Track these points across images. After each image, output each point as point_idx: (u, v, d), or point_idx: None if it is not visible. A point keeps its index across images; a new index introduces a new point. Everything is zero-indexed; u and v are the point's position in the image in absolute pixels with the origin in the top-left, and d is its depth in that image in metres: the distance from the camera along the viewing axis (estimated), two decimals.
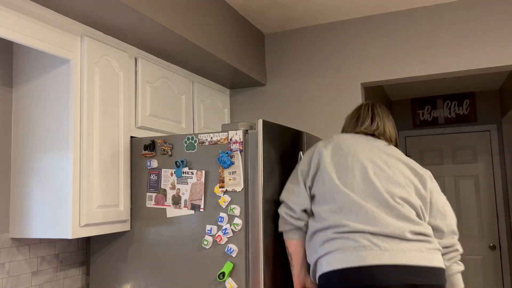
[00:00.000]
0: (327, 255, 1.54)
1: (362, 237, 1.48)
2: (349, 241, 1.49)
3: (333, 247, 1.52)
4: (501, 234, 4.48)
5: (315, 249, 1.61)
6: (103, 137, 1.90)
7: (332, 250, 1.52)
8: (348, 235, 1.51)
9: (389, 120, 1.86)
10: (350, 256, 1.47)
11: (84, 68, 1.83)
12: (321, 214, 1.62)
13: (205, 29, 2.29)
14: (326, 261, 1.53)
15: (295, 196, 1.72)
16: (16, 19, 1.58)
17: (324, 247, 1.55)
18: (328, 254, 1.54)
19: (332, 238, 1.54)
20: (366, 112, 1.85)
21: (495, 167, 4.56)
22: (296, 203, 1.71)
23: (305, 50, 2.95)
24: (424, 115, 4.87)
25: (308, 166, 1.74)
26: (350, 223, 1.52)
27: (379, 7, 2.70)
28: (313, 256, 1.63)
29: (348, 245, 1.49)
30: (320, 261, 1.57)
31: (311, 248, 1.64)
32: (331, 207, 1.59)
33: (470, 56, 2.58)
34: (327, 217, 1.59)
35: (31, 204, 1.81)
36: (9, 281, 1.82)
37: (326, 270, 1.52)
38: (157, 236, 1.96)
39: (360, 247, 1.47)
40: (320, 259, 1.58)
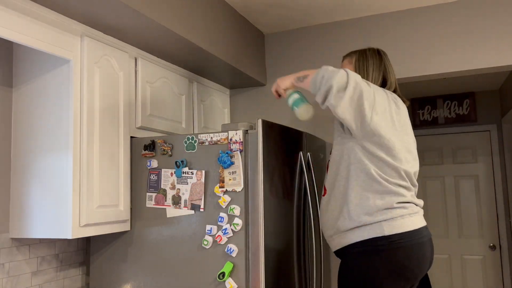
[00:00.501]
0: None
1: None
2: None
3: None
4: (501, 234, 4.48)
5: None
6: (103, 137, 1.90)
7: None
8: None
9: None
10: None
11: (84, 68, 1.83)
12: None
13: (205, 29, 2.29)
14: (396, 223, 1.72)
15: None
16: (16, 19, 1.58)
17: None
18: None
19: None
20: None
21: (495, 167, 4.56)
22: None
23: (305, 50, 2.95)
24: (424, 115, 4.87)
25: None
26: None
27: (379, 7, 2.70)
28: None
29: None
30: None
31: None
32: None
33: (470, 56, 2.58)
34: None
35: (31, 204, 1.81)
36: (9, 281, 1.82)
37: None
38: (157, 236, 1.96)
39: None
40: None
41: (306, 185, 2.19)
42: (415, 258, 1.69)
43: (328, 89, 1.65)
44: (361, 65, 1.91)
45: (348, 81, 1.64)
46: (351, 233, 1.72)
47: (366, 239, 1.69)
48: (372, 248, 1.68)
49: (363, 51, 1.94)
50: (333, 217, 1.79)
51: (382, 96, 1.74)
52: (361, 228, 1.70)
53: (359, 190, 1.72)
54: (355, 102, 1.66)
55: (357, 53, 1.95)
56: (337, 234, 1.77)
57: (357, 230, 1.71)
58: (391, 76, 1.90)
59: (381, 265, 1.66)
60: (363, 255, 1.69)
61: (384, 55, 1.93)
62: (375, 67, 1.90)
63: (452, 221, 4.68)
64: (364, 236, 1.69)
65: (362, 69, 1.91)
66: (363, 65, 1.91)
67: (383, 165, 1.72)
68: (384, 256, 1.66)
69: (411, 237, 1.70)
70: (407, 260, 1.67)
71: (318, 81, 1.69)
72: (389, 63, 1.93)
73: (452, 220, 4.68)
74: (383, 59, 1.92)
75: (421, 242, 1.71)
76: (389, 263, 1.66)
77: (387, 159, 1.71)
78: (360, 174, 1.72)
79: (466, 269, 4.59)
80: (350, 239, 1.72)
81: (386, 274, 1.66)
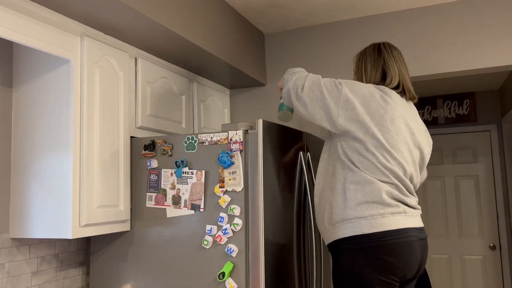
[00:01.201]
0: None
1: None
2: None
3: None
4: (501, 234, 4.48)
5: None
6: (103, 137, 1.90)
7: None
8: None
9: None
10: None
11: (84, 68, 1.83)
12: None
13: (205, 29, 2.29)
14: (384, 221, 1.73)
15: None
16: (16, 19, 1.58)
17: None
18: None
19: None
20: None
21: (495, 167, 4.56)
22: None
23: (305, 50, 2.95)
24: (424, 115, 4.87)
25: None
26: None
27: (379, 7, 2.70)
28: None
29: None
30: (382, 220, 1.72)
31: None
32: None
33: (470, 56, 2.58)
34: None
35: (31, 204, 1.81)
36: (9, 281, 1.82)
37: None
38: (157, 236, 1.96)
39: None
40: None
41: (306, 185, 2.19)
42: (402, 255, 1.68)
43: (287, 92, 1.81)
44: (360, 64, 1.92)
45: (304, 83, 1.76)
46: (336, 228, 1.74)
47: (348, 237, 1.71)
48: (355, 246, 1.70)
49: (364, 49, 1.94)
50: (321, 212, 1.82)
51: (358, 92, 1.73)
52: (344, 225, 1.72)
53: (344, 186, 1.73)
54: (316, 101, 1.73)
55: (360, 53, 1.95)
56: (326, 228, 1.80)
57: (341, 226, 1.73)
58: (392, 70, 1.84)
59: (365, 262, 1.67)
60: (348, 252, 1.72)
61: (386, 49, 1.88)
62: (373, 64, 1.87)
63: (452, 221, 4.68)
64: (346, 233, 1.71)
65: (361, 68, 1.90)
66: (361, 64, 1.91)
67: (367, 162, 1.71)
68: (367, 253, 1.68)
69: (394, 235, 1.68)
70: (391, 256, 1.67)
71: (282, 85, 1.85)
72: (391, 56, 1.86)
73: (452, 220, 4.68)
74: (383, 53, 1.87)
75: (408, 241, 1.69)
76: (372, 259, 1.67)
77: (368, 155, 1.70)
78: (345, 170, 1.73)
79: (466, 269, 4.59)
80: (336, 235, 1.74)
81: (371, 270, 1.67)
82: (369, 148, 1.70)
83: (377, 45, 1.90)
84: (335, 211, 1.74)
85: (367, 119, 1.70)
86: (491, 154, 4.60)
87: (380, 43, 1.91)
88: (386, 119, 1.71)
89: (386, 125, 1.71)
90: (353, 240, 1.70)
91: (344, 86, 1.73)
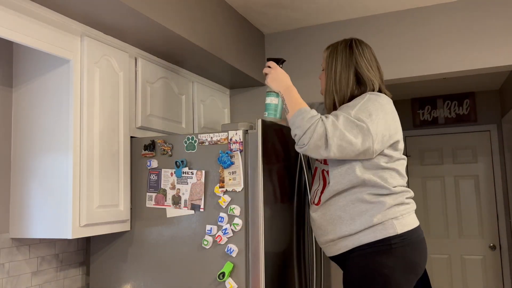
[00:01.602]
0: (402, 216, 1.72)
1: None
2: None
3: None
4: (501, 234, 4.48)
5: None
6: (103, 137, 1.90)
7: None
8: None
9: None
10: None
11: (84, 68, 1.83)
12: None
13: (205, 29, 2.29)
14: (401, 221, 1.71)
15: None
16: (16, 19, 1.58)
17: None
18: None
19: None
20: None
21: (495, 167, 4.56)
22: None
23: (305, 50, 2.95)
24: (424, 115, 4.87)
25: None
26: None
27: (379, 7, 2.70)
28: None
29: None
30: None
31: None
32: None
33: (470, 56, 2.58)
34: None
35: (31, 204, 1.81)
36: (9, 281, 1.82)
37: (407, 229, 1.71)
38: (157, 236, 1.96)
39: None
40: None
41: (306, 185, 2.19)
42: (423, 253, 1.73)
43: (307, 143, 1.63)
44: (329, 63, 1.81)
45: (327, 139, 1.60)
46: (362, 234, 1.68)
47: (379, 239, 1.66)
48: (386, 247, 1.66)
49: (335, 46, 1.83)
50: (333, 221, 1.74)
51: (382, 118, 1.66)
52: (372, 229, 1.67)
53: (369, 190, 1.70)
54: (342, 145, 1.62)
55: (330, 48, 1.84)
56: (341, 238, 1.73)
57: (368, 230, 1.68)
58: (366, 72, 1.76)
59: (396, 262, 1.66)
60: (376, 255, 1.66)
61: (357, 48, 1.78)
62: (344, 64, 1.77)
63: (452, 221, 4.68)
64: (377, 236, 1.66)
65: (331, 67, 1.80)
66: (331, 63, 1.81)
67: (387, 171, 1.71)
68: (397, 254, 1.67)
69: (417, 232, 1.73)
70: (417, 256, 1.70)
71: (296, 131, 1.66)
72: (363, 57, 1.77)
73: (452, 220, 4.68)
74: (354, 53, 1.77)
75: (423, 237, 1.76)
76: (402, 259, 1.67)
77: (389, 166, 1.71)
78: (370, 177, 1.69)
79: (466, 269, 4.59)
80: (360, 240, 1.68)
81: (400, 271, 1.66)
82: (389, 159, 1.74)
83: (350, 43, 1.81)
84: (362, 217, 1.69)
85: (392, 132, 1.71)
86: (491, 154, 4.60)
87: (352, 40, 1.82)
88: (394, 121, 1.74)
89: (395, 129, 1.74)
90: (383, 242, 1.66)
91: (375, 115, 1.65)
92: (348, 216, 1.70)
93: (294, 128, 1.66)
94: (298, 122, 1.64)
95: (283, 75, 1.81)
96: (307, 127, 1.61)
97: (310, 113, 1.65)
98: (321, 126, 1.60)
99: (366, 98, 1.68)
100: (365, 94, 1.72)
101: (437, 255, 4.70)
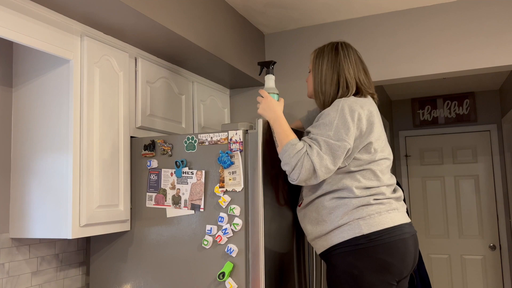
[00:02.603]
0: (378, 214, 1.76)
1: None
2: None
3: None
4: (501, 234, 4.48)
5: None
6: (103, 137, 1.90)
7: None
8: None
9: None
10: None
11: (84, 68, 1.83)
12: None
13: (205, 29, 2.29)
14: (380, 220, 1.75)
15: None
16: (16, 19, 1.58)
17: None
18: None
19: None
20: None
21: (495, 167, 4.56)
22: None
23: (305, 50, 2.95)
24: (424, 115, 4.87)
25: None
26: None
27: (379, 7, 2.70)
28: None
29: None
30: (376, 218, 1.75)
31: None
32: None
33: (470, 56, 2.58)
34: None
35: (31, 204, 1.81)
36: (9, 281, 1.82)
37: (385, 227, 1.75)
38: (157, 236, 1.96)
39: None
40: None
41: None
42: (398, 253, 1.70)
43: (297, 178, 1.73)
44: (316, 65, 1.90)
45: (315, 170, 1.70)
46: (332, 234, 1.76)
47: (346, 240, 1.72)
48: (353, 248, 1.71)
49: (322, 48, 1.92)
50: (311, 221, 1.84)
51: (352, 128, 1.73)
52: (340, 229, 1.74)
53: (337, 194, 1.77)
54: (330, 169, 1.73)
55: (317, 51, 1.93)
56: (319, 237, 1.81)
57: (336, 231, 1.74)
58: (347, 75, 1.84)
59: (364, 263, 1.68)
60: (345, 255, 1.72)
61: (343, 50, 1.87)
62: (329, 66, 1.86)
63: (452, 221, 4.68)
64: (344, 236, 1.72)
65: (318, 69, 1.89)
66: (318, 65, 1.89)
67: (357, 174, 1.77)
68: (365, 254, 1.69)
69: (391, 233, 1.71)
70: (389, 256, 1.69)
71: (285, 167, 1.76)
72: (347, 59, 1.85)
73: (452, 220, 4.68)
74: (339, 56, 1.85)
75: (403, 238, 1.72)
76: (371, 260, 1.68)
77: (359, 168, 1.77)
78: (339, 182, 1.77)
79: (466, 269, 4.59)
80: (332, 241, 1.76)
81: (370, 271, 1.68)
82: (365, 161, 1.81)
83: (335, 46, 1.89)
84: (331, 217, 1.77)
85: (367, 134, 1.79)
86: (491, 154, 4.60)
87: (338, 43, 1.90)
88: (369, 123, 1.80)
89: (371, 130, 1.80)
90: (350, 242, 1.71)
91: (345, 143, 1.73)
92: (320, 217, 1.79)
93: (283, 164, 1.76)
94: (286, 159, 1.74)
95: (274, 105, 1.88)
96: (294, 163, 1.71)
97: (296, 147, 1.73)
98: (308, 161, 1.69)
99: (339, 110, 1.74)
100: (338, 101, 1.78)
101: (437, 255, 4.70)
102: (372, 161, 1.77)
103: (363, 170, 1.76)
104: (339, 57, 1.85)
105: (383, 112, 4.27)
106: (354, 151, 1.75)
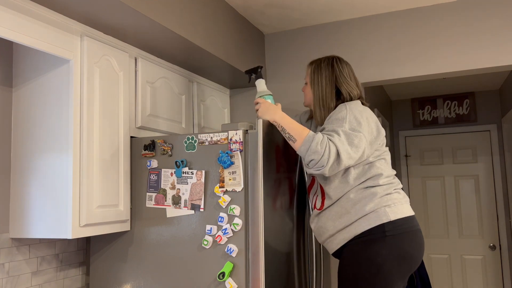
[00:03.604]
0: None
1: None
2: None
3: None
4: (501, 234, 4.48)
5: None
6: (103, 137, 1.90)
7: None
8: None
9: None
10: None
11: (84, 68, 1.83)
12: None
13: (205, 29, 2.29)
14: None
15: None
16: (16, 19, 1.58)
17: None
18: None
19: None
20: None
21: (495, 167, 4.56)
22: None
23: (305, 50, 2.95)
24: (424, 115, 4.87)
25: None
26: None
27: (379, 7, 2.70)
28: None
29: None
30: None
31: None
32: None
33: (470, 56, 2.58)
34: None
35: (31, 204, 1.81)
36: (9, 281, 1.82)
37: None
38: (157, 236, 1.96)
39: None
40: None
41: (306, 185, 2.19)
42: (418, 243, 1.80)
43: (326, 165, 1.78)
44: (315, 78, 2.02)
45: (339, 155, 1.77)
46: (357, 224, 1.81)
47: (373, 227, 1.78)
48: (380, 235, 1.77)
49: (318, 63, 2.04)
50: (331, 217, 1.89)
51: (368, 127, 1.86)
52: (366, 217, 1.80)
53: (363, 185, 1.86)
54: (351, 156, 1.81)
55: (313, 65, 2.05)
56: (340, 230, 1.85)
57: (362, 220, 1.81)
58: (346, 86, 1.97)
59: (388, 251, 1.75)
60: (370, 243, 1.78)
61: (338, 65, 2.01)
62: (328, 80, 1.99)
63: (452, 221, 4.68)
64: (371, 224, 1.79)
65: (317, 82, 2.01)
66: (317, 78, 2.02)
67: (375, 165, 1.88)
68: (392, 243, 1.76)
69: (410, 222, 1.82)
70: (411, 246, 1.77)
71: (313, 156, 1.80)
72: (342, 73, 1.99)
73: (452, 220, 4.68)
74: (335, 70, 1.99)
75: (418, 228, 1.85)
76: (396, 249, 1.75)
77: (381, 156, 1.90)
78: (366, 174, 1.87)
79: (466, 269, 4.59)
80: (356, 230, 1.81)
81: (392, 261, 1.74)
82: (379, 155, 1.94)
83: (331, 61, 2.02)
84: (356, 208, 1.84)
85: (375, 134, 1.91)
86: (491, 154, 4.60)
87: (333, 58, 2.02)
88: (375, 124, 1.93)
89: (377, 130, 1.92)
90: (377, 229, 1.78)
91: (362, 126, 1.85)
92: (343, 210, 1.85)
93: (310, 153, 1.78)
94: (313, 147, 1.77)
95: (273, 106, 1.96)
96: (323, 151, 1.76)
97: (319, 136, 1.79)
98: (333, 147, 1.76)
99: (348, 109, 1.87)
100: (342, 104, 1.91)
101: (437, 255, 4.70)
102: (383, 151, 1.91)
103: (379, 160, 1.88)
104: (335, 72, 1.99)
105: (383, 112, 4.27)
106: (372, 146, 1.86)
